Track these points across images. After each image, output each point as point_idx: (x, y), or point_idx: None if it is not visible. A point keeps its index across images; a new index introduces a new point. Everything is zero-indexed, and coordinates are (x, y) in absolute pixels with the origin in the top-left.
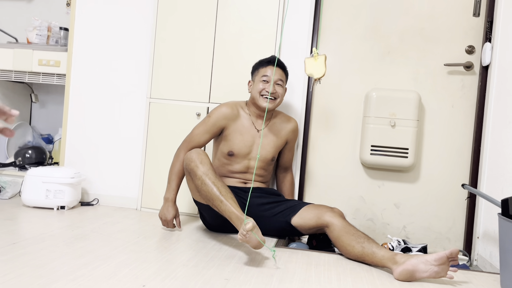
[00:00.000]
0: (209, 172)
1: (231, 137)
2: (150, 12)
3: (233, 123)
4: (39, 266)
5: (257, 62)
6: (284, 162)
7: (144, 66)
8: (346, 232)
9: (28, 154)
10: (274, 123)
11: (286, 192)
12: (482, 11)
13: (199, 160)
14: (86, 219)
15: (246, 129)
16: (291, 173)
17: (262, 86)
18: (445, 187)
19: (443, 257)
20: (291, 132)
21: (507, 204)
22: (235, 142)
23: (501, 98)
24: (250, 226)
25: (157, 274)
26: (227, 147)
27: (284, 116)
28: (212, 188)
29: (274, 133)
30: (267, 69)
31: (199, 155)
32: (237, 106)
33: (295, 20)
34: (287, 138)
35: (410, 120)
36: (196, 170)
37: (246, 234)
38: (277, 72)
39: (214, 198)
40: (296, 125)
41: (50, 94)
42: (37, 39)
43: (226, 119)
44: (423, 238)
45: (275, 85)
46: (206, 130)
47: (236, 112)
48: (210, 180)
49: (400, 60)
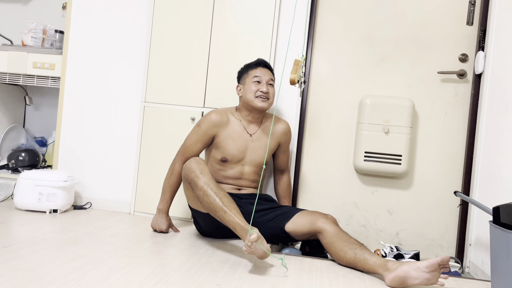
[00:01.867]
0: (210, 182)
1: (224, 143)
2: (146, 16)
3: (224, 129)
4: (30, 270)
5: (243, 66)
6: (279, 165)
7: (139, 70)
8: (339, 239)
9: (21, 156)
10: (266, 126)
11: (283, 194)
12: (476, 20)
13: (200, 170)
14: (78, 223)
15: (238, 134)
16: (287, 175)
17: (255, 88)
18: (437, 194)
19: (434, 264)
20: (283, 134)
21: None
22: (228, 148)
23: (493, 106)
24: (255, 237)
25: (149, 279)
26: (220, 153)
27: (275, 118)
28: (214, 198)
29: (266, 137)
30: (257, 70)
31: (199, 165)
32: (227, 113)
33: (290, 27)
34: (279, 140)
35: (404, 127)
36: (197, 180)
37: (251, 246)
38: (267, 73)
39: (217, 209)
40: (287, 127)
41: (44, 97)
42: (32, 42)
43: (216, 127)
44: (416, 244)
45: (267, 85)
46: (198, 139)
47: (226, 119)
48: (212, 191)
49: (394, 67)
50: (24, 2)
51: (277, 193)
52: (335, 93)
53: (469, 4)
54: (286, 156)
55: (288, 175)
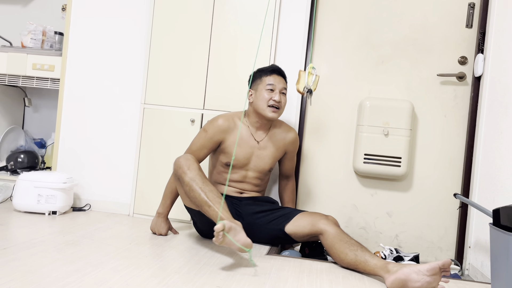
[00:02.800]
0: (196, 177)
1: (230, 149)
2: (146, 18)
3: (230, 135)
4: (29, 272)
5: (257, 71)
6: (285, 171)
7: (139, 71)
8: (339, 240)
9: (20, 158)
10: (273, 133)
11: (287, 199)
12: (475, 23)
13: (187, 166)
14: (77, 224)
15: (244, 141)
16: (292, 181)
17: (268, 96)
18: (437, 197)
19: (435, 268)
20: (290, 143)
21: (498, 214)
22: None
23: (493, 109)
24: (219, 226)
25: (149, 281)
26: (226, 158)
27: (284, 126)
28: (199, 193)
29: (274, 144)
30: (272, 77)
31: (187, 161)
32: (234, 118)
33: (289, 30)
34: (285, 149)
35: (403, 129)
36: (184, 176)
37: (218, 235)
38: (281, 81)
39: (202, 204)
40: (296, 136)
41: (44, 98)
42: (32, 43)
43: (223, 133)
44: (415, 247)
45: (280, 94)
46: (204, 145)
47: (233, 125)
48: (198, 186)
49: (394, 69)
50: (23, 4)
51: (281, 198)
52: (334, 96)
53: (469, 7)
54: (292, 163)
55: (292, 181)
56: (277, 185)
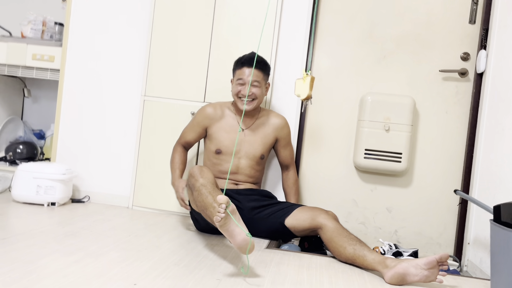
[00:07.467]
0: (208, 184)
1: (217, 135)
2: (147, 9)
3: (217, 122)
4: (29, 262)
5: (235, 60)
6: (283, 160)
7: (139, 63)
8: (338, 234)
9: (19, 149)
10: (261, 120)
11: (288, 190)
12: (478, 19)
13: (200, 175)
14: (77, 216)
15: (232, 127)
16: (293, 171)
17: (237, 89)
18: (437, 193)
19: (433, 261)
20: (280, 129)
21: (499, 211)
22: (221, 140)
23: (494, 106)
24: (224, 198)
25: (149, 273)
26: (214, 145)
27: (273, 114)
28: (207, 196)
29: (261, 131)
30: (241, 70)
31: (202, 171)
32: (222, 106)
33: (291, 22)
34: (276, 135)
35: (404, 125)
36: (195, 183)
37: (220, 210)
38: (253, 73)
39: (208, 206)
40: (285, 122)
41: (43, 89)
42: (32, 34)
43: (209, 119)
44: (414, 242)
45: (251, 86)
46: (192, 129)
47: (220, 113)
48: (207, 190)
49: (396, 64)
50: None
51: (284, 190)
52: (336, 90)
53: (472, 3)
54: (288, 151)
55: (293, 171)
56: (273, 178)
